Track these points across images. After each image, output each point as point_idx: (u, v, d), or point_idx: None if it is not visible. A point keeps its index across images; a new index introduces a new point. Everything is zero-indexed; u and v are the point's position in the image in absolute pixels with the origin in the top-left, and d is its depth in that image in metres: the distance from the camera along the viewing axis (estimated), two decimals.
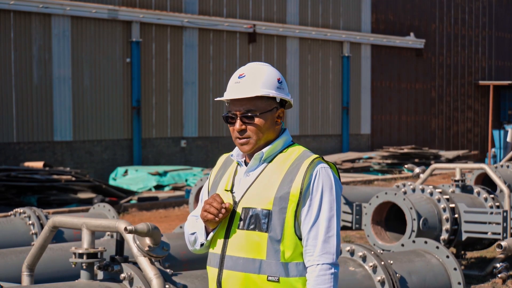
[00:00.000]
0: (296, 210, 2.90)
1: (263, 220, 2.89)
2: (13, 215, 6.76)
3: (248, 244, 2.90)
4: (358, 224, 8.24)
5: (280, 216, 2.88)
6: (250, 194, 2.95)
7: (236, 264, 2.91)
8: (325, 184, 2.92)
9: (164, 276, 3.80)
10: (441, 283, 5.03)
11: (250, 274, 2.89)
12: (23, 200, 14.84)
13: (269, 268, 2.88)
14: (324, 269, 2.87)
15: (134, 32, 20.20)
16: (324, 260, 2.88)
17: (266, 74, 2.98)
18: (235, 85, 2.98)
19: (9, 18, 18.08)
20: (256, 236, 2.90)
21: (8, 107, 18.03)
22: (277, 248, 2.88)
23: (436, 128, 29.60)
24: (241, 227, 2.93)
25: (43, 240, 3.55)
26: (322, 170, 2.93)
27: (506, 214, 7.88)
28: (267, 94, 2.95)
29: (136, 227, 3.14)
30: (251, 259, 2.89)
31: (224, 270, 2.94)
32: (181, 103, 21.54)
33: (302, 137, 24.49)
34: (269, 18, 23.71)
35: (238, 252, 2.92)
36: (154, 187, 18.07)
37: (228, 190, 3.02)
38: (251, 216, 2.91)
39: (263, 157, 2.99)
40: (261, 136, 2.97)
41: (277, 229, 2.88)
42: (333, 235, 2.90)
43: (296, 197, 2.89)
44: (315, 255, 2.89)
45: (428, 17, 29.03)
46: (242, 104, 2.96)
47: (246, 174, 3.00)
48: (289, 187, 2.89)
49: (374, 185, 18.55)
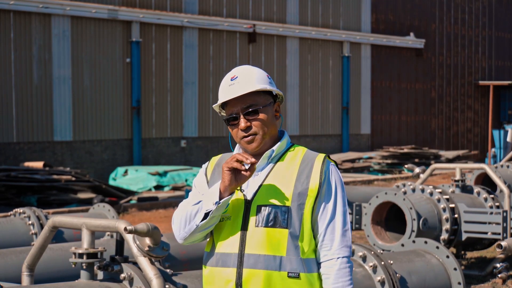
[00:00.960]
0: (314, 206, 2.95)
1: (283, 217, 2.92)
2: (13, 215, 6.76)
3: (268, 241, 2.91)
4: (358, 224, 8.24)
5: (298, 212, 2.93)
6: (265, 191, 2.96)
7: (257, 262, 2.91)
8: (337, 180, 3.01)
9: (164, 276, 3.80)
10: (441, 283, 5.03)
11: (272, 271, 2.91)
12: (23, 200, 14.83)
13: (289, 264, 2.91)
14: (345, 262, 2.95)
15: (134, 32, 20.20)
16: (343, 253, 2.95)
17: (257, 72, 3.06)
18: (231, 87, 3.02)
19: (9, 18, 18.09)
20: (277, 232, 2.92)
21: (8, 107, 18.03)
22: (297, 244, 2.92)
23: (436, 128, 29.60)
24: (259, 225, 2.93)
25: (43, 240, 3.55)
26: (332, 167, 3.02)
27: (506, 214, 7.88)
28: (264, 88, 3.00)
29: (136, 227, 3.14)
30: (272, 256, 2.91)
31: (244, 269, 2.92)
32: (181, 103, 21.54)
33: (302, 137, 24.49)
34: (269, 18, 23.71)
35: (258, 250, 2.92)
36: (154, 187, 18.07)
37: (237, 190, 3.01)
38: (269, 213, 2.93)
39: (272, 155, 3.02)
40: (266, 130, 3.00)
41: (296, 225, 2.92)
42: (348, 229, 2.99)
43: (314, 193, 2.94)
44: (334, 249, 2.95)
45: (428, 17, 29.03)
46: (242, 102, 2.99)
47: (254, 174, 3.00)
48: (307, 183, 2.94)
49: (374, 185, 18.54)
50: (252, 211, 2.95)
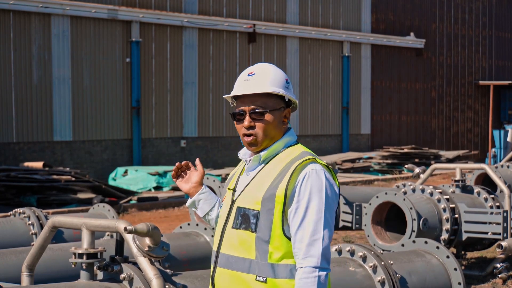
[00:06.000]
0: (283, 211, 2.90)
1: (252, 220, 2.92)
2: (13, 215, 6.75)
3: (239, 243, 2.94)
4: (358, 224, 8.23)
5: (267, 217, 2.90)
6: (245, 193, 2.99)
7: (228, 262, 2.96)
8: (314, 186, 2.89)
9: (164, 276, 3.79)
10: (441, 283, 5.02)
11: (240, 273, 2.92)
12: (22, 200, 14.83)
13: (258, 268, 2.90)
14: (307, 272, 2.84)
15: (133, 32, 20.20)
16: (307, 263, 2.85)
17: (275, 74, 3.02)
18: (245, 82, 3.01)
19: (9, 18, 18.08)
20: (246, 235, 2.93)
21: (8, 107, 18.02)
22: (266, 248, 2.89)
23: (436, 128, 29.59)
24: (234, 226, 2.97)
25: (42, 240, 3.54)
26: (312, 172, 2.91)
27: (506, 214, 7.87)
28: (277, 92, 2.98)
29: (136, 227, 3.14)
30: (242, 258, 2.93)
31: (217, 267, 2.99)
32: (181, 103, 21.53)
33: (302, 137, 24.49)
34: (269, 18, 23.70)
35: (231, 251, 2.96)
36: (154, 187, 18.07)
37: (231, 189, 3.07)
38: (242, 215, 2.95)
39: (260, 160, 3.02)
40: (268, 134, 2.99)
41: (265, 229, 2.90)
42: (319, 238, 2.86)
43: (281, 199, 2.89)
44: (300, 258, 2.88)
45: (428, 17, 29.03)
46: (251, 101, 2.98)
47: (246, 174, 3.05)
48: (276, 188, 2.91)
49: (374, 185, 18.54)
50: (233, 211, 2.99)
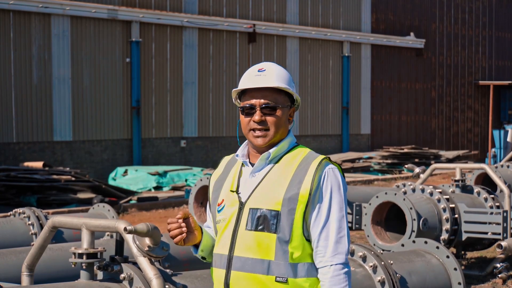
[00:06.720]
0: (305, 211, 2.91)
1: (272, 221, 2.90)
2: (13, 215, 6.75)
3: (257, 245, 2.91)
4: (358, 224, 8.23)
5: (289, 217, 2.90)
6: (258, 194, 2.96)
7: (244, 265, 2.92)
8: (334, 185, 2.95)
9: (164, 276, 3.79)
10: (441, 283, 5.02)
11: (259, 274, 2.90)
12: (22, 200, 14.82)
13: (278, 269, 2.89)
14: (338, 269, 2.90)
15: (133, 32, 20.19)
16: (337, 260, 2.90)
17: (283, 72, 3.06)
18: (256, 77, 3.02)
19: (9, 18, 18.08)
20: (265, 237, 2.90)
21: (8, 107, 18.02)
22: (286, 249, 2.89)
23: (436, 128, 29.59)
24: (249, 228, 2.93)
25: (42, 240, 3.54)
26: (330, 171, 2.96)
27: (506, 214, 7.87)
28: (288, 89, 3.02)
29: (135, 227, 3.13)
30: (260, 260, 2.90)
31: (232, 271, 2.94)
32: (181, 103, 21.53)
33: (302, 137, 24.49)
34: (269, 18, 23.70)
35: (246, 253, 2.92)
36: (154, 187, 18.06)
37: (234, 191, 3.02)
38: (259, 217, 2.92)
39: (269, 157, 3.00)
40: (279, 129, 3.00)
41: (286, 230, 2.89)
42: (344, 235, 2.93)
43: (305, 198, 2.90)
44: (327, 256, 2.91)
45: (428, 17, 29.03)
46: (263, 96, 2.99)
47: (252, 175, 3.01)
48: (298, 188, 2.91)
49: (374, 185, 18.54)
50: (244, 213, 2.95)
